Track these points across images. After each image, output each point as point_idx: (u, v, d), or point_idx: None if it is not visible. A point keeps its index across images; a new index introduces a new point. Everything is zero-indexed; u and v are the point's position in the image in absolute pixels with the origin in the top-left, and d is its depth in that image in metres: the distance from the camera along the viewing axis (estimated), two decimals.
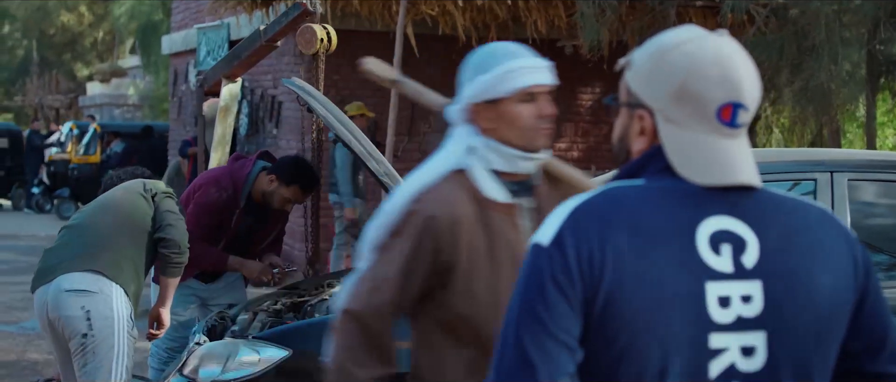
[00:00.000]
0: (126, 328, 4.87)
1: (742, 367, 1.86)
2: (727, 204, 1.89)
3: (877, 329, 1.98)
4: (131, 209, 5.09)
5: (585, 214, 1.87)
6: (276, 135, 13.76)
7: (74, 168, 21.49)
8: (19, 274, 13.67)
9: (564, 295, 1.82)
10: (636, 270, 1.82)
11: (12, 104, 44.01)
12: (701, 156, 1.90)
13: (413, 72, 12.74)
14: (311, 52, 6.27)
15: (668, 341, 1.82)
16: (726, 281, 1.85)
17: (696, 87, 1.90)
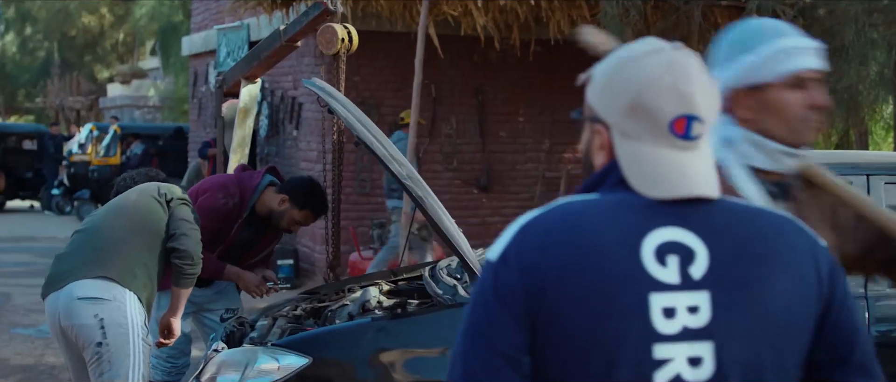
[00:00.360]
0: (140, 335, 4.77)
1: (688, 377, 1.86)
2: (678, 216, 1.90)
3: (843, 340, 1.96)
4: (145, 213, 4.97)
5: (533, 230, 1.91)
6: (296, 137, 13.65)
7: (94, 170, 21.45)
8: (38, 277, 13.52)
9: (509, 310, 1.86)
10: (579, 283, 1.85)
11: (33, 106, 44.13)
12: (655, 170, 1.91)
13: (435, 72, 12.76)
14: (331, 52, 6.15)
15: (612, 352, 1.85)
16: (671, 293, 1.86)
17: (648, 101, 1.91)
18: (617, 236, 1.87)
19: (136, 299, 4.80)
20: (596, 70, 2.00)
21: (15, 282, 13.10)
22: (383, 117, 12.96)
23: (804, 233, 1.97)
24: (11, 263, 14.94)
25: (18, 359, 8.84)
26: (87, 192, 21.59)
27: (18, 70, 43.84)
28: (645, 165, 1.91)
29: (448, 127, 13.54)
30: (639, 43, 1.99)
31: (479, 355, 1.88)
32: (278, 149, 14.22)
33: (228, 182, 5.93)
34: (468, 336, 1.90)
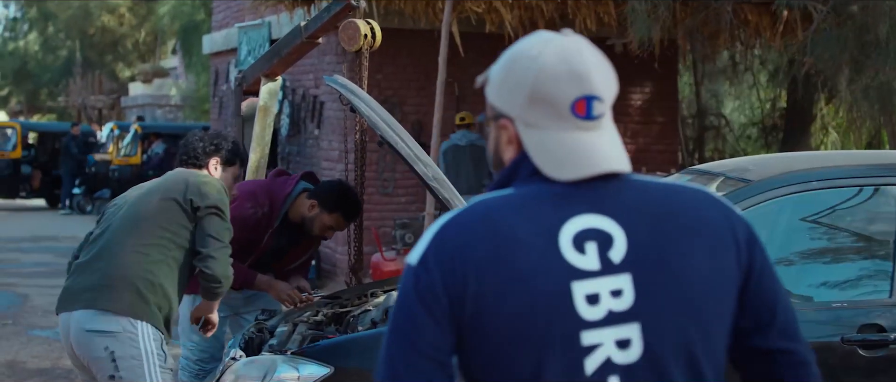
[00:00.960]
0: (158, 363, 4.48)
1: (619, 360, 1.89)
2: (592, 203, 1.93)
3: (764, 306, 2.00)
4: (165, 224, 4.61)
5: (450, 230, 1.93)
6: (318, 136, 13.49)
7: (115, 169, 21.34)
8: (58, 277, 13.41)
9: (430, 312, 1.88)
10: (499, 279, 1.87)
11: (56, 105, 44.16)
12: (562, 153, 1.93)
13: (458, 70, 12.57)
14: (354, 48, 5.95)
15: (540, 343, 1.87)
16: (593, 279, 1.88)
17: (546, 88, 1.94)
18: (534, 228, 1.90)
19: (149, 327, 4.50)
20: (492, 70, 2.06)
21: (34, 283, 12.98)
22: (406, 116, 12.79)
23: (719, 204, 2.01)
24: (31, 263, 14.84)
25: (35, 362, 8.70)
26: (107, 192, 21.48)
27: (41, 69, 43.87)
28: (552, 151, 1.94)
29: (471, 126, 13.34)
30: (530, 36, 2.02)
31: (404, 357, 1.90)
32: (300, 148, 14.06)
33: (258, 190, 5.71)
34: (392, 339, 1.92)
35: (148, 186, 4.95)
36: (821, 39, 9.51)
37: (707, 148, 16.87)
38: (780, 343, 2.02)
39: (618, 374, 1.89)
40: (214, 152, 4.99)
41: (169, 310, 4.62)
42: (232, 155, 5.03)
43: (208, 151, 4.98)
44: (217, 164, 4.98)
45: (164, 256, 4.57)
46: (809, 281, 4.72)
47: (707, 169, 5.36)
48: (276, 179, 5.81)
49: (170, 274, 4.59)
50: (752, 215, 4.56)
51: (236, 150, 5.08)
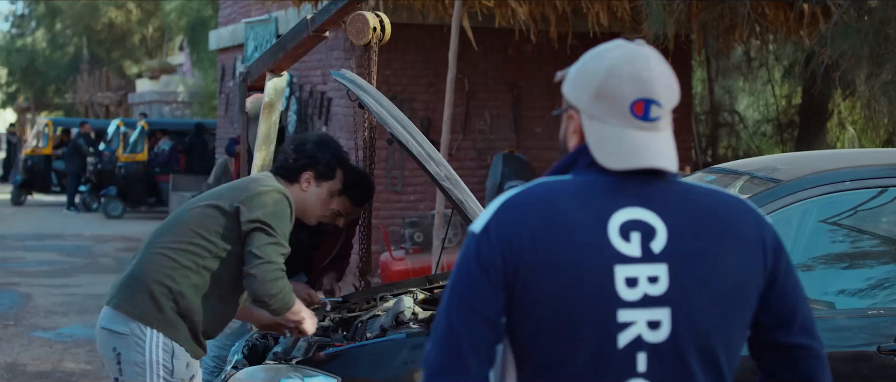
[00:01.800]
0: (162, 375, 4.18)
1: (648, 338, 2.13)
2: (640, 197, 2.16)
3: (787, 305, 2.23)
4: (200, 230, 4.26)
5: (512, 206, 2.17)
6: (326, 133, 13.28)
7: (121, 166, 21.14)
8: (62, 277, 13.31)
9: (487, 275, 2.13)
10: (551, 254, 2.12)
11: (63, 101, 44.03)
12: (617, 146, 2.15)
13: (468, 66, 12.34)
14: (362, 42, 5.72)
15: (581, 315, 2.11)
16: (634, 264, 2.12)
17: (611, 86, 2.17)
18: (586, 214, 2.14)
19: (159, 337, 4.18)
20: (570, 68, 2.26)
21: (38, 282, 12.80)
22: (415, 113, 12.58)
23: (752, 212, 2.25)
24: (36, 262, 14.66)
25: (36, 365, 8.50)
26: (114, 189, 21.30)
27: (48, 65, 43.75)
28: (608, 142, 2.16)
29: (481, 122, 13.15)
30: (608, 43, 2.24)
31: (461, 315, 2.13)
32: None
33: None
34: (451, 299, 2.16)
35: (215, 189, 4.62)
36: (840, 32, 9.27)
37: (720, 145, 16.63)
38: (799, 339, 2.25)
39: (646, 351, 2.13)
40: (308, 166, 4.52)
41: (194, 322, 4.23)
42: (328, 168, 4.53)
43: (301, 165, 4.52)
44: (310, 179, 4.52)
45: (193, 263, 4.22)
46: (843, 286, 4.50)
47: (732, 168, 5.13)
48: None
49: (198, 284, 4.22)
50: (782, 216, 4.34)
51: (335, 162, 4.55)
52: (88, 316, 10.61)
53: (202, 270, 4.22)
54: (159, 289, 4.19)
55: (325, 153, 4.53)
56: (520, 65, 13.14)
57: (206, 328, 4.29)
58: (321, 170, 4.50)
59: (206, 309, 4.24)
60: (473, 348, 2.13)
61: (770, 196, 4.30)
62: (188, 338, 4.23)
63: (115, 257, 15.42)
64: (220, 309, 4.30)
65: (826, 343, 4.18)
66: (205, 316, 4.25)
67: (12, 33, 47.69)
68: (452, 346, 2.13)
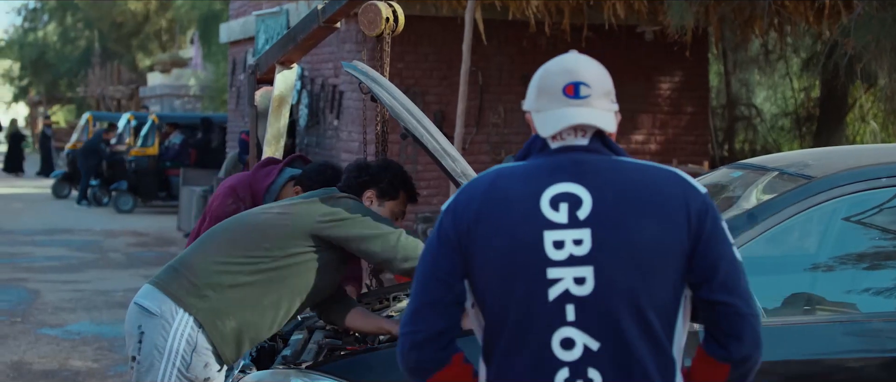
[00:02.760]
0: (177, 366, 4.01)
1: (575, 292, 2.55)
2: (573, 174, 2.60)
3: (708, 265, 2.58)
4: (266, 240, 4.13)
5: (467, 188, 2.70)
6: (337, 127, 13.11)
7: (132, 160, 20.98)
8: (71, 272, 13.16)
9: (443, 245, 2.64)
10: (494, 224, 2.60)
11: (75, 95, 43.96)
12: (553, 118, 2.63)
13: (481, 59, 12.13)
14: (374, 33, 5.53)
15: (516, 273, 2.57)
16: (561, 230, 2.56)
17: (546, 81, 2.67)
18: (524, 190, 2.61)
19: (189, 325, 4.03)
20: None
21: (46, 278, 12.64)
22: (428, 106, 12.40)
23: (682, 183, 2.63)
24: (44, 257, 14.51)
25: (42, 364, 8.33)
26: (124, 183, 21.15)
27: (60, 59, 43.69)
28: (547, 119, 2.64)
29: (495, 116, 12.96)
30: None
31: (424, 278, 2.66)
32: (318, 139, 13.67)
33: (238, 184, 5.28)
34: (420, 266, 2.69)
35: (286, 199, 4.53)
36: (863, 24, 9.05)
37: (737, 139, 16.40)
38: (720, 296, 2.59)
39: (573, 303, 2.55)
40: (369, 183, 4.46)
41: (240, 323, 4.07)
42: (391, 187, 4.47)
43: (361, 183, 4.46)
44: (372, 198, 4.44)
45: (249, 266, 4.11)
46: (880, 287, 4.29)
47: (760, 163, 4.93)
48: (259, 170, 5.38)
49: (250, 283, 4.09)
50: (815, 214, 4.14)
51: (397, 182, 4.49)
52: (96, 312, 10.46)
53: (257, 274, 4.10)
54: (208, 281, 4.08)
55: (386, 172, 4.49)
56: (534, 57, 12.92)
57: (254, 334, 4.15)
58: (383, 189, 4.45)
59: (255, 313, 4.11)
60: (431, 304, 2.63)
61: (802, 193, 4.09)
62: (227, 337, 4.07)
63: (125, 252, 15.27)
64: (270, 315, 4.16)
65: (858, 348, 4.03)
66: (253, 319, 4.11)
67: (24, 27, 47.62)
68: (415, 302, 2.65)
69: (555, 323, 2.55)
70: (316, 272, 4.17)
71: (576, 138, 2.64)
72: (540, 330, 2.56)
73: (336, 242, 4.15)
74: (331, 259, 4.20)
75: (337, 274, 4.31)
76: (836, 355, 4.10)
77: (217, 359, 4.09)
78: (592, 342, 2.54)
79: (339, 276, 4.35)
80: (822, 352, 4.09)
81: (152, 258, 14.58)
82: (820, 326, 4.16)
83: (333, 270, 4.26)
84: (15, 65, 49.87)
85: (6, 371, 8.09)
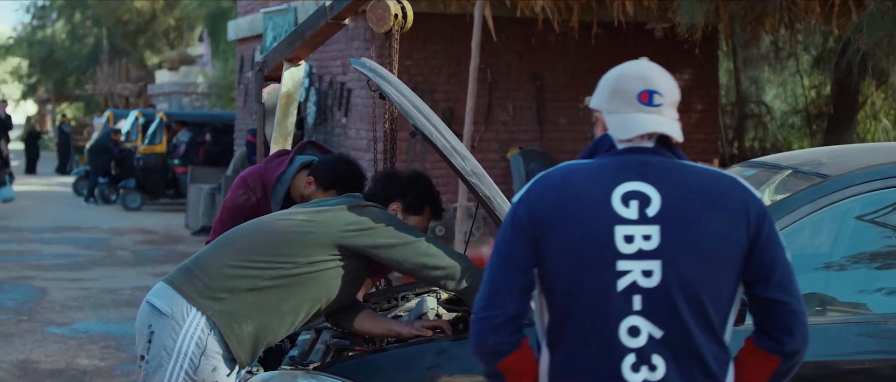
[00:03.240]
0: (185, 368, 3.96)
1: (642, 284, 2.73)
2: (642, 173, 2.78)
3: (765, 265, 2.78)
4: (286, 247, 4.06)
5: (539, 182, 2.87)
6: (345, 125, 13.06)
7: (140, 158, 20.95)
8: (78, 270, 13.13)
9: (518, 234, 2.81)
10: (567, 217, 2.77)
11: (83, 93, 43.97)
12: (628, 123, 2.81)
13: (490, 56, 12.07)
14: (383, 29, 5.48)
15: (587, 264, 2.75)
16: (631, 225, 2.73)
17: (621, 85, 2.84)
18: (596, 187, 2.78)
19: (200, 327, 3.97)
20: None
21: (53, 276, 12.61)
22: (437, 103, 12.35)
23: (740, 187, 2.83)
24: (52, 255, 14.48)
25: (49, 363, 8.29)
26: (132, 181, 21.12)
27: (68, 57, 43.68)
28: (622, 123, 2.82)
29: (504, 113, 12.91)
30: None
31: (499, 264, 2.83)
32: (326, 137, 13.62)
33: (249, 175, 5.22)
34: (494, 254, 2.85)
35: (310, 203, 4.45)
36: (875, 20, 8.97)
37: (747, 136, 16.31)
38: (775, 294, 2.78)
39: (640, 294, 2.73)
40: (396, 196, 4.40)
41: (257, 326, 4.01)
42: (418, 202, 4.40)
43: (388, 194, 4.41)
44: (397, 210, 4.38)
45: (267, 271, 4.04)
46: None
47: (774, 161, 4.87)
48: (271, 161, 5.32)
49: (268, 288, 4.03)
50: (831, 214, 4.08)
51: (424, 197, 4.43)
52: (103, 310, 10.42)
53: (278, 279, 4.03)
54: (225, 284, 4.01)
55: (415, 185, 4.44)
56: (543, 55, 12.89)
57: (271, 338, 4.10)
58: (409, 203, 4.38)
59: (274, 319, 4.04)
60: (507, 289, 2.79)
61: (817, 192, 4.04)
62: (244, 341, 4.01)
63: (133, 250, 15.23)
64: (288, 321, 4.10)
65: (873, 349, 3.97)
66: (272, 324, 4.05)
67: (33, 25, 47.64)
68: (491, 288, 2.81)
69: (623, 312, 2.73)
70: (338, 281, 4.10)
71: (642, 141, 2.82)
72: (608, 319, 2.74)
73: (362, 251, 4.08)
74: (354, 268, 4.14)
75: (358, 283, 4.26)
76: (850, 356, 4.05)
77: (227, 364, 4.02)
78: (657, 330, 2.72)
79: (360, 285, 4.30)
80: (836, 353, 4.04)
81: (160, 256, 14.54)
82: (834, 327, 4.11)
83: (355, 279, 4.20)
84: (24, 62, 49.86)
85: (12, 370, 8.05)
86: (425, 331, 4.19)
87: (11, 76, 53.27)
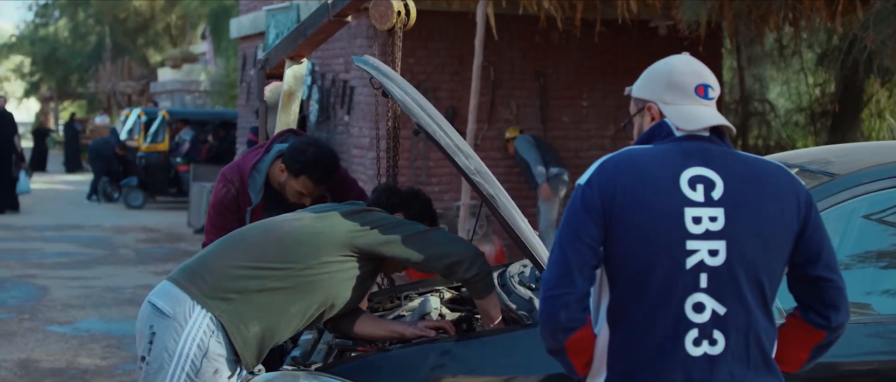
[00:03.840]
0: (186, 370, 3.92)
1: (709, 263, 2.90)
2: (704, 159, 2.97)
3: (814, 247, 2.98)
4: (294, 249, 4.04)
5: (607, 165, 3.00)
6: (348, 123, 13.01)
7: (142, 156, 20.91)
8: (80, 268, 13.10)
9: (590, 214, 2.93)
10: (637, 199, 2.92)
11: (85, 91, 43.95)
12: (691, 115, 3.03)
13: (493, 54, 12.00)
14: (385, 27, 5.44)
15: (658, 243, 2.90)
16: (699, 207, 2.91)
17: (677, 78, 3.08)
18: (664, 171, 2.94)
19: (203, 327, 3.92)
20: (635, 84, 3.19)
21: (55, 275, 12.58)
22: (440, 102, 12.30)
23: (789, 176, 3.03)
24: (54, 253, 14.44)
25: (50, 362, 8.25)
26: (134, 179, 21.10)
27: (71, 55, 43.67)
28: (685, 115, 3.04)
29: (507, 111, 12.86)
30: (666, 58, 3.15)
31: (571, 243, 2.94)
32: (329, 135, 13.58)
33: (228, 168, 5.24)
34: (563, 233, 2.97)
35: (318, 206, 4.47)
36: (882, 17, 8.91)
37: (751, 134, 16.26)
38: (823, 272, 2.99)
39: (707, 272, 2.89)
40: (399, 208, 4.45)
41: (264, 327, 3.98)
42: (419, 216, 4.43)
43: (392, 204, 4.46)
44: None
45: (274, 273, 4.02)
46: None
47: (781, 160, 4.81)
48: (249, 151, 5.33)
49: (275, 290, 3.99)
50: (838, 213, 4.04)
51: (425, 212, 4.50)
52: (105, 309, 10.38)
53: (288, 281, 4.00)
54: (233, 285, 3.98)
55: (415, 200, 4.52)
56: (546, 52, 12.84)
57: (278, 339, 4.08)
58: (411, 216, 4.40)
59: (281, 320, 4.02)
60: (579, 267, 2.92)
61: (824, 191, 3.99)
62: (250, 342, 3.98)
63: (135, 248, 15.20)
64: (295, 323, 4.08)
65: (880, 350, 3.92)
66: (279, 325, 4.02)
67: (35, 23, 47.62)
68: (563, 266, 2.93)
69: (690, 289, 2.89)
70: (347, 283, 4.09)
71: (701, 130, 3.03)
72: (677, 296, 2.89)
73: (372, 249, 4.06)
74: (363, 270, 4.13)
75: (367, 285, 4.25)
76: (857, 357, 4.01)
77: (229, 366, 3.99)
78: (720, 307, 2.89)
79: (368, 288, 4.29)
80: (843, 355, 3.98)
81: (162, 254, 14.51)
82: None
83: (364, 281, 4.19)
84: (26, 60, 49.86)
85: (14, 368, 8.01)
86: (428, 332, 4.16)
87: (14, 74, 53.23)
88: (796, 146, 15.24)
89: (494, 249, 11.07)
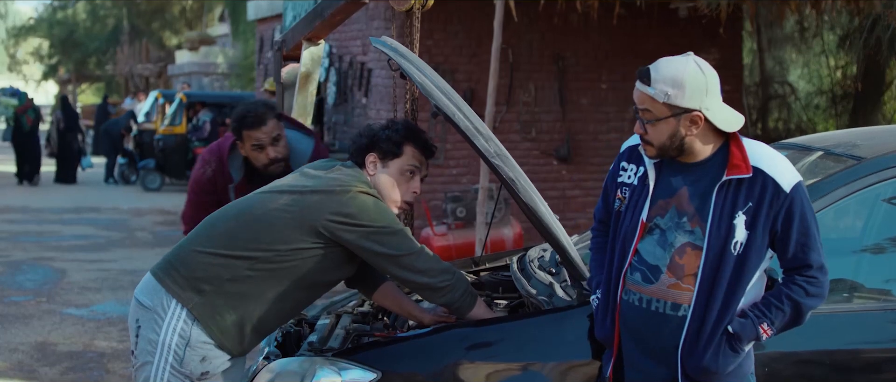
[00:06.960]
0: (170, 361, 3.84)
1: None
2: None
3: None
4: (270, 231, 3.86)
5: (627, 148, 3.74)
6: (366, 105, 12.96)
7: (159, 139, 20.90)
8: (97, 251, 13.09)
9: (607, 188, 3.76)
10: None
11: (103, 73, 44.00)
12: (732, 119, 3.44)
13: (512, 36, 11.90)
14: (403, 8, 5.37)
15: None
16: None
17: (713, 85, 3.41)
18: None
19: (181, 319, 3.84)
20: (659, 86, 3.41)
21: (72, 257, 12.58)
22: (458, 84, 12.22)
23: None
24: (71, 235, 14.45)
25: (67, 345, 8.24)
26: (152, 162, 21.09)
27: (88, 37, 43.71)
28: (730, 116, 3.43)
29: (526, 94, 12.77)
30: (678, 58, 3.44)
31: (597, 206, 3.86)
32: (346, 117, 13.53)
33: (207, 150, 5.45)
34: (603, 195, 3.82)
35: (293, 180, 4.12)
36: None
37: (771, 117, 16.12)
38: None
39: None
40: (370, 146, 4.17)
41: (242, 314, 3.85)
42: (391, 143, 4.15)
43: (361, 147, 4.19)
44: (375, 161, 4.15)
45: (251, 256, 3.86)
46: None
47: (804, 143, 4.74)
48: (228, 133, 5.41)
49: (252, 277, 3.85)
50: (866, 197, 3.97)
51: (397, 136, 4.17)
52: (122, 292, 10.37)
53: (259, 268, 3.85)
54: (204, 274, 3.87)
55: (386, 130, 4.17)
56: (565, 35, 12.74)
57: (260, 326, 3.91)
58: (384, 149, 4.11)
59: (258, 307, 3.87)
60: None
61: (851, 175, 3.92)
62: (228, 331, 3.85)
63: (152, 231, 15.19)
64: (276, 308, 3.91)
65: None
66: (257, 312, 3.87)
67: (54, 5, 47.68)
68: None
69: None
70: (323, 267, 3.89)
71: None
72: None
73: (344, 244, 3.86)
74: (340, 254, 3.92)
75: (349, 266, 4.01)
76: (881, 345, 3.94)
77: (220, 351, 3.88)
78: None
79: (352, 269, 4.04)
80: (867, 341, 3.93)
81: (179, 237, 14.43)
82: (866, 315, 4.00)
83: (344, 264, 3.97)
84: (45, 43, 49.90)
85: (30, 351, 8.00)
86: (448, 318, 4.09)
87: (33, 57, 53.29)
88: (817, 129, 15.10)
89: (513, 232, 11.01)
